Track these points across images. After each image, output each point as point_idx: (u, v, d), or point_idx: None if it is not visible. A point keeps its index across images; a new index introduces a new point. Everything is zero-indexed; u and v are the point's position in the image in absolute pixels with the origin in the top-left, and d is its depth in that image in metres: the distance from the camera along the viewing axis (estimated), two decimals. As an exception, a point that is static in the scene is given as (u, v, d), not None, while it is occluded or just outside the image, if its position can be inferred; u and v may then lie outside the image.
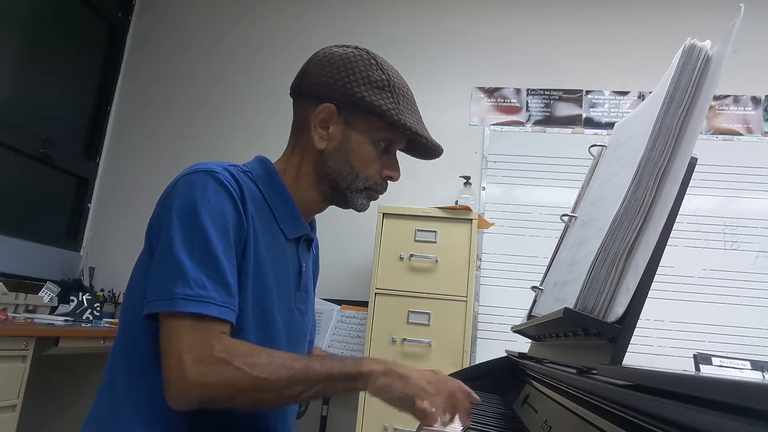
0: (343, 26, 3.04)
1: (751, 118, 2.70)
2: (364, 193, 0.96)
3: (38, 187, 2.83)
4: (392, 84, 0.92)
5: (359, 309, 2.54)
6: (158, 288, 0.77)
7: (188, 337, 0.74)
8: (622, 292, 0.65)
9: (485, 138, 2.87)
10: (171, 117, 3.19)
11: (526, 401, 1.08)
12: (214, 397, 0.74)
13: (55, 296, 2.37)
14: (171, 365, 0.73)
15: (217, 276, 0.77)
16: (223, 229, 0.80)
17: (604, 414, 0.56)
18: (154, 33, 3.33)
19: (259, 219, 0.87)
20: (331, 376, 0.78)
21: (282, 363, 0.76)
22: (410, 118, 0.92)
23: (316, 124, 0.92)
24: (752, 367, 1.68)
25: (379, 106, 0.89)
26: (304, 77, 0.94)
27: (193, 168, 0.84)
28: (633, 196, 0.69)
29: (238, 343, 0.77)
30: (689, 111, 0.68)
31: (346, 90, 0.90)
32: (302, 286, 0.97)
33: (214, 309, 0.76)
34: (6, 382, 1.69)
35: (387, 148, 0.94)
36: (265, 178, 0.92)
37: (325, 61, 0.93)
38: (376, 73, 0.92)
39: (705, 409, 0.35)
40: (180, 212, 0.80)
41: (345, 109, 0.91)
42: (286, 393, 0.76)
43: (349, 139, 0.92)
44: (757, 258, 2.53)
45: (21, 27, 2.67)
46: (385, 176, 0.96)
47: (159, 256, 0.79)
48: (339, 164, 0.93)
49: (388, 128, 0.91)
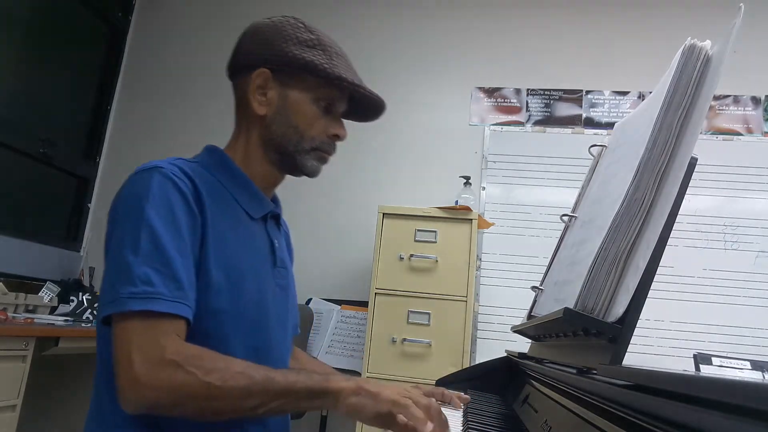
0: (343, 26, 3.04)
1: (751, 118, 2.70)
2: (313, 154, 0.94)
3: (38, 187, 2.83)
4: (323, 42, 0.93)
5: (359, 309, 2.54)
6: (106, 291, 0.74)
7: (137, 337, 0.70)
8: (622, 292, 0.65)
9: (485, 138, 2.87)
10: (171, 117, 3.19)
11: (526, 401, 1.08)
12: (163, 402, 0.69)
13: (55, 296, 2.37)
14: (121, 368, 0.70)
15: (166, 270, 0.74)
16: (171, 222, 0.77)
17: (604, 414, 0.56)
18: (154, 33, 3.33)
19: (218, 205, 0.86)
20: (293, 391, 0.72)
21: (239, 371, 0.71)
22: (345, 71, 0.92)
23: (254, 92, 0.91)
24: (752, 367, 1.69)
25: (312, 62, 0.89)
26: (235, 53, 0.96)
27: (139, 168, 0.82)
28: (633, 196, 0.69)
29: (193, 347, 0.73)
30: (689, 111, 0.68)
31: (277, 52, 0.90)
32: (279, 263, 0.96)
33: (162, 304, 0.72)
34: (6, 382, 1.69)
35: (329, 108, 0.94)
36: (217, 165, 0.92)
37: (253, 32, 0.94)
38: (305, 34, 0.92)
39: (705, 409, 0.35)
40: (124, 211, 0.78)
41: (279, 71, 0.91)
42: (241, 404, 0.70)
43: (288, 100, 0.91)
44: (757, 258, 2.53)
45: (21, 27, 2.67)
46: (332, 135, 0.95)
47: (107, 259, 0.78)
48: (282, 127, 0.92)
49: (324, 84, 0.91)
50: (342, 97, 0.95)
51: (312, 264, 2.84)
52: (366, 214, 2.78)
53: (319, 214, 2.93)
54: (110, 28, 3.24)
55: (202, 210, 0.82)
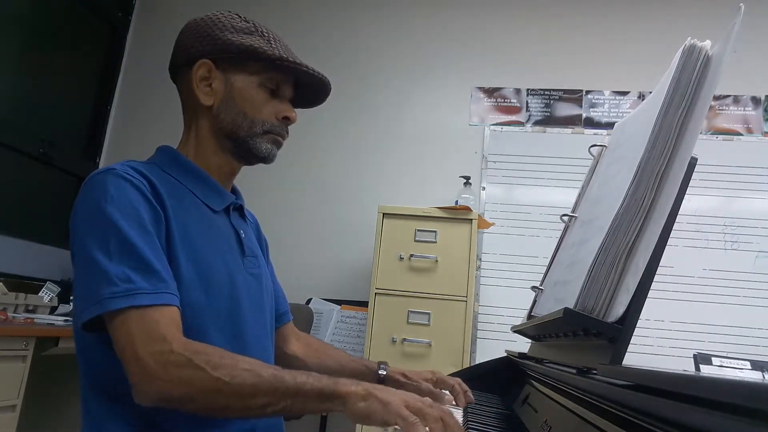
0: (343, 27, 3.04)
1: (751, 118, 2.70)
2: (266, 137, 0.94)
3: (38, 187, 2.83)
4: (259, 29, 0.93)
5: (359, 309, 2.54)
6: (85, 296, 0.73)
7: (137, 332, 0.70)
8: (622, 292, 0.65)
9: (485, 138, 2.87)
10: (171, 117, 3.18)
11: (526, 401, 1.08)
12: (176, 395, 0.69)
13: (55, 296, 2.37)
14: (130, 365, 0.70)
15: (141, 265, 0.74)
16: (135, 218, 0.77)
17: (604, 414, 0.56)
18: (154, 33, 3.33)
19: (178, 201, 0.86)
20: (302, 392, 0.70)
21: (247, 368, 0.70)
22: (286, 52, 0.92)
23: (198, 83, 0.91)
24: (752, 367, 1.68)
25: (251, 46, 0.90)
26: (175, 51, 0.96)
27: (90, 175, 0.82)
28: (633, 196, 0.69)
29: (197, 343, 0.73)
30: (689, 111, 0.68)
31: (215, 41, 0.90)
32: (247, 252, 0.96)
33: (147, 298, 0.72)
34: (6, 382, 1.69)
35: (275, 92, 0.94)
36: (171, 162, 0.92)
37: (190, 28, 0.95)
38: (241, 23, 0.93)
39: (705, 409, 0.35)
40: (86, 216, 0.77)
41: (220, 60, 0.91)
42: (250, 402, 0.70)
43: (234, 87, 0.91)
44: (757, 258, 2.53)
45: (21, 27, 2.67)
46: (282, 117, 0.95)
47: (76, 266, 0.77)
48: (231, 114, 0.92)
49: (267, 67, 0.91)
50: (286, 80, 0.95)
51: (312, 264, 2.84)
52: (366, 214, 2.78)
53: (319, 214, 2.93)
54: (110, 28, 3.24)
55: (162, 204, 0.82)
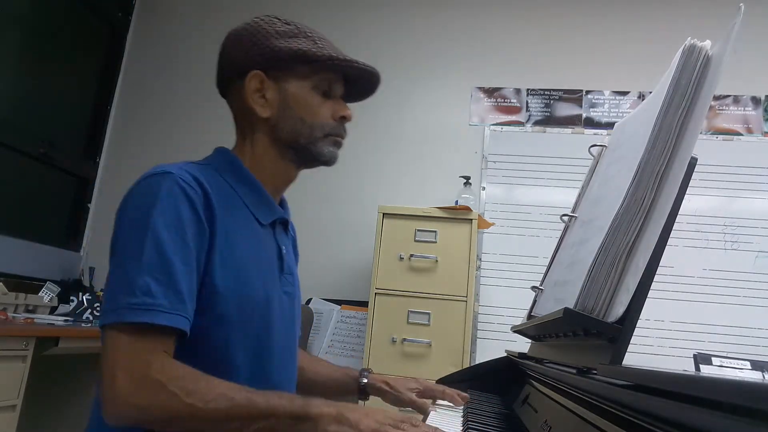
0: (343, 26, 3.04)
1: (751, 118, 2.70)
2: (327, 141, 0.93)
3: (38, 187, 2.83)
4: (302, 30, 0.92)
5: (359, 309, 2.54)
6: (107, 299, 0.74)
7: (125, 352, 0.70)
8: (622, 292, 0.65)
9: (485, 138, 2.87)
10: (171, 117, 3.19)
11: (526, 401, 1.08)
12: (148, 420, 0.70)
13: (55, 296, 2.37)
14: (105, 383, 0.69)
15: (168, 280, 0.73)
16: (178, 231, 0.76)
17: (604, 414, 0.56)
18: (154, 33, 3.33)
19: (228, 209, 0.85)
20: (274, 414, 0.71)
21: (222, 393, 0.70)
22: (334, 50, 0.92)
23: (252, 96, 0.90)
24: (752, 367, 1.68)
25: (299, 49, 0.89)
26: (222, 65, 0.94)
27: (148, 172, 0.81)
28: (633, 196, 0.69)
29: (179, 366, 0.72)
30: (689, 111, 0.68)
31: (262, 51, 0.89)
32: (286, 269, 0.95)
33: (161, 317, 0.71)
34: (6, 382, 1.68)
35: (328, 92, 0.93)
36: (228, 167, 0.91)
37: (233, 40, 0.93)
38: (283, 27, 0.92)
39: (705, 409, 0.35)
40: (131, 218, 0.77)
41: (271, 69, 0.90)
42: (223, 427, 0.70)
43: (288, 95, 0.90)
44: (757, 258, 2.53)
45: (21, 27, 2.67)
46: (339, 117, 0.94)
47: (111, 263, 0.77)
48: (290, 122, 0.91)
49: (318, 69, 0.91)
50: (337, 79, 0.94)
51: (312, 264, 2.84)
52: (366, 214, 2.78)
53: (319, 214, 2.93)
54: (110, 28, 3.24)
55: (212, 216, 0.81)
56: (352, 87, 0.97)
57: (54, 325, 2.02)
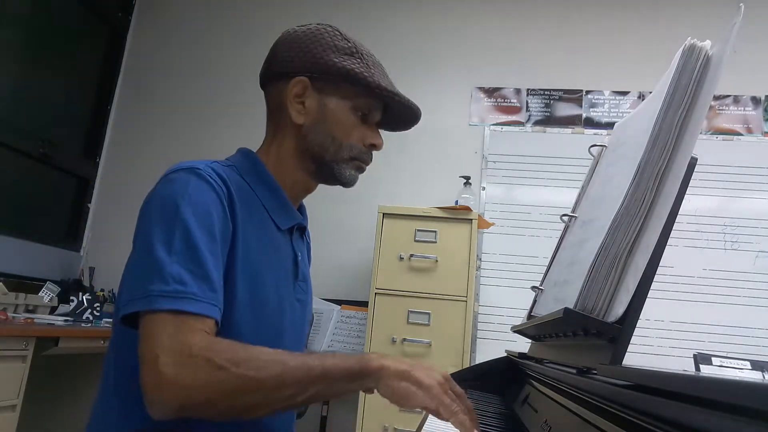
0: (344, 27, 3.03)
1: (751, 118, 2.70)
2: (351, 164, 0.93)
3: (38, 187, 2.83)
4: (360, 50, 0.92)
5: (359, 309, 2.54)
6: (134, 287, 0.72)
7: (166, 336, 0.67)
8: (622, 292, 0.65)
9: (485, 138, 2.87)
10: (171, 117, 3.19)
11: (526, 401, 1.07)
12: (194, 401, 0.66)
13: (55, 296, 2.37)
14: (147, 369, 0.66)
15: (199, 270, 0.72)
16: (206, 222, 0.76)
17: (604, 414, 0.56)
18: (154, 33, 3.33)
19: (248, 212, 0.85)
20: (330, 375, 0.69)
21: (272, 359, 0.68)
22: (383, 79, 0.92)
23: (291, 100, 0.90)
24: (752, 367, 1.68)
25: (351, 70, 0.88)
26: (271, 60, 0.94)
27: (175, 167, 0.81)
28: (633, 196, 0.69)
29: (221, 340, 0.70)
30: (689, 111, 0.68)
31: (316, 60, 0.89)
32: (300, 276, 0.96)
33: (194, 305, 0.70)
34: (6, 382, 1.69)
35: (366, 117, 0.93)
36: (250, 169, 0.91)
37: (290, 39, 0.93)
38: (342, 42, 0.91)
39: (705, 409, 0.35)
40: (159, 209, 0.76)
41: (318, 79, 0.89)
42: (277, 395, 0.68)
43: (327, 109, 0.90)
44: (757, 258, 2.53)
45: (21, 27, 2.67)
46: (369, 144, 0.94)
47: (136, 255, 0.75)
48: (320, 136, 0.91)
49: (362, 93, 0.90)
50: (378, 106, 0.94)
51: (312, 264, 2.84)
52: (366, 214, 2.78)
53: (319, 214, 2.92)
54: (110, 28, 3.24)
55: (234, 217, 0.81)
56: (389, 116, 0.98)
57: (54, 325, 2.02)
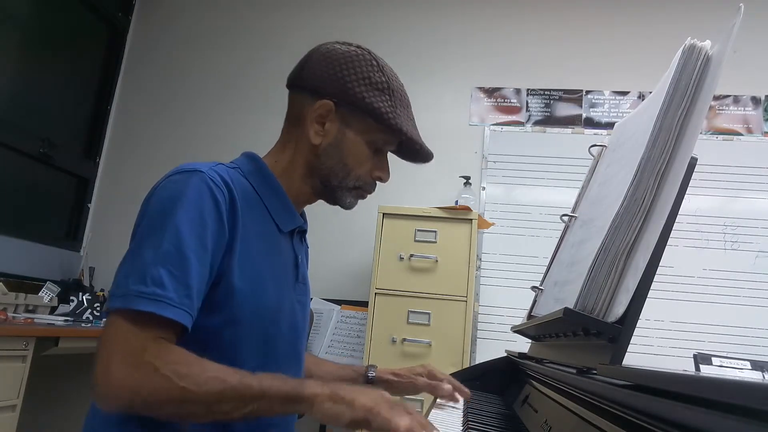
0: (343, 27, 3.04)
1: (751, 118, 2.70)
2: (354, 192, 0.96)
3: (38, 187, 2.83)
4: (391, 87, 0.93)
5: (359, 309, 2.54)
6: (117, 283, 0.74)
7: (124, 336, 0.70)
8: (622, 292, 0.65)
9: (485, 138, 2.87)
10: (171, 117, 3.19)
11: (526, 401, 1.08)
12: (139, 404, 0.69)
13: (55, 296, 2.37)
14: (99, 364, 0.69)
15: (181, 275, 0.73)
16: (199, 229, 0.77)
17: (604, 414, 0.56)
18: (154, 33, 3.33)
19: (251, 214, 0.86)
20: (267, 395, 0.71)
21: (214, 376, 0.70)
22: (406, 122, 0.93)
23: (313, 119, 0.91)
24: (752, 367, 1.68)
25: (378, 108, 0.90)
26: (303, 70, 0.94)
27: (178, 168, 0.82)
28: (633, 196, 0.69)
29: (174, 350, 0.72)
30: (689, 111, 0.68)
31: (346, 88, 0.90)
32: (300, 278, 0.97)
33: (167, 309, 0.71)
34: (6, 382, 1.69)
35: (379, 149, 0.95)
36: (255, 172, 0.92)
37: (327, 57, 0.93)
38: (377, 75, 0.92)
39: (705, 409, 0.35)
40: (156, 210, 0.77)
41: (343, 107, 0.91)
42: (215, 409, 0.70)
43: (345, 138, 0.92)
44: (757, 258, 2.53)
45: (21, 27, 2.67)
46: (376, 177, 0.97)
47: (128, 252, 0.77)
48: (332, 161, 0.92)
49: (383, 130, 0.92)
50: (394, 143, 0.96)
51: (312, 264, 2.83)
52: (366, 214, 2.78)
53: (319, 214, 2.92)
54: (110, 28, 3.24)
55: (235, 219, 0.82)
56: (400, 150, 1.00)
57: (54, 325, 2.02)
